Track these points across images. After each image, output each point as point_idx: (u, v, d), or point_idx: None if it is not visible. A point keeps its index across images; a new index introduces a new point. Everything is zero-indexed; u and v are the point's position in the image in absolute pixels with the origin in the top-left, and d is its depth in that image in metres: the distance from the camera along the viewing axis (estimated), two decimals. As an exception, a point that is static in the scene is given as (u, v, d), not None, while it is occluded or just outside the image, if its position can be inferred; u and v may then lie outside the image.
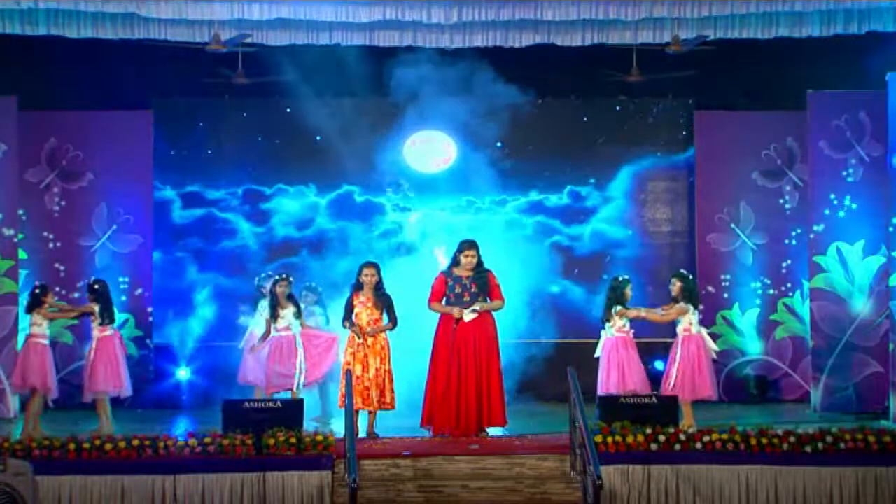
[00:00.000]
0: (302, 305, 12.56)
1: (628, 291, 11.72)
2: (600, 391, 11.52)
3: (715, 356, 11.69)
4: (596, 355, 11.75)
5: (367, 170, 14.72)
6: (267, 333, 12.34)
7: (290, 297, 12.38)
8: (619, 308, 11.58)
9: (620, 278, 11.80)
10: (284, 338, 12.27)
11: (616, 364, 11.55)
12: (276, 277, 12.47)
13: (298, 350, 12.23)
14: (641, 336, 12.06)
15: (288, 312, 12.30)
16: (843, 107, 13.50)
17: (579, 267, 14.73)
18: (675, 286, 11.61)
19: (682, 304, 11.46)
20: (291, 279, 12.52)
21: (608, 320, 11.66)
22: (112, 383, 11.86)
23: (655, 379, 11.97)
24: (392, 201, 14.89)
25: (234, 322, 13.95)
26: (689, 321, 11.46)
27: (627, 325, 11.66)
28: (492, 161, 14.58)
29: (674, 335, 11.76)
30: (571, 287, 14.63)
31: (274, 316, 12.28)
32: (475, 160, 14.71)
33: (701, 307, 12.00)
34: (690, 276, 11.83)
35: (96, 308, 11.95)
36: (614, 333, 11.61)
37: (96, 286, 12.10)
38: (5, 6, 11.56)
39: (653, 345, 13.12)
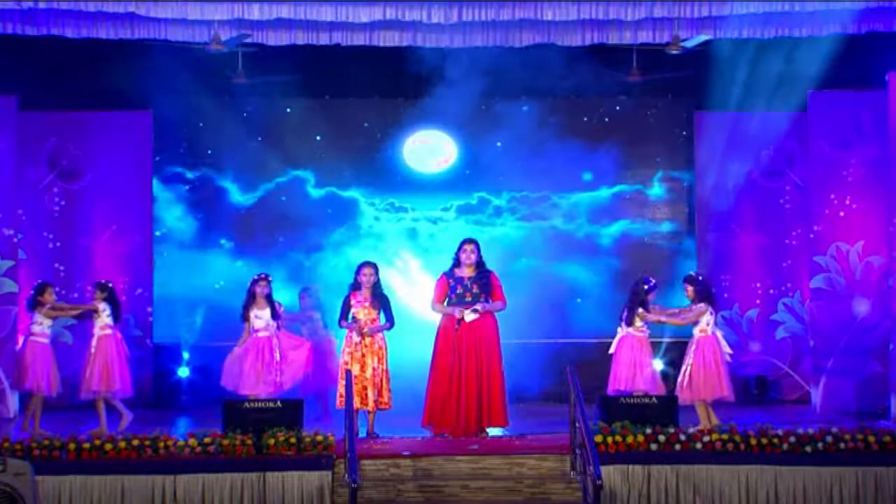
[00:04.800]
0: (277, 307, 12.31)
1: (652, 294, 11.77)
2: (611, 388, 11.57)
3: (729, 358, 11.66)
4: (610, 351, 11.81)
5: (367, 169, 14.76)
6: (245, 336, 12.11)
7: (269, 298, 12.14)
8: (641, 311, 11.63)
9: (647, 283, 11.80)
10: (262, 339, 12.05)
11: (630, 362, 11.61)
12: (255, 277, 12.26)
13: (276, 353, 12.02)
14: (652, 336, 12.10)
15: (265, 314, 12.09)
16: (843, 107, 13.50)
17: (579, 266, 14.73)
18: (688, 290, 11.56)
19: (701, 305, 11.42)
20: (271, 278, 12.34)
21: (631, 322, 11.70)
22: (109, 383, 11.85)
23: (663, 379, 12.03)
24: (387, 200, 14.89)
25: (235, 322, 13.92)
26: (706, 322, 11.42)
27: (644, 325, 11.73)
28: (491, 161, 14.61)
29: (676, 334, 11.79)
30: (571, 287, 14.63)
31: (246, 316, 12.08)
32: (474, 160, 14.76)
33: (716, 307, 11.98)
34: (700, 277, 11.70)
35: (100, 306, 11.98)
36: (631, 331, 11.68)
37: (109, 284, 12.24)
38: (5, 6, 11.56)
39: (667, 345, 13.14)
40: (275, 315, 12.11)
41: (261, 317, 12.07)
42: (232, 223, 14.80)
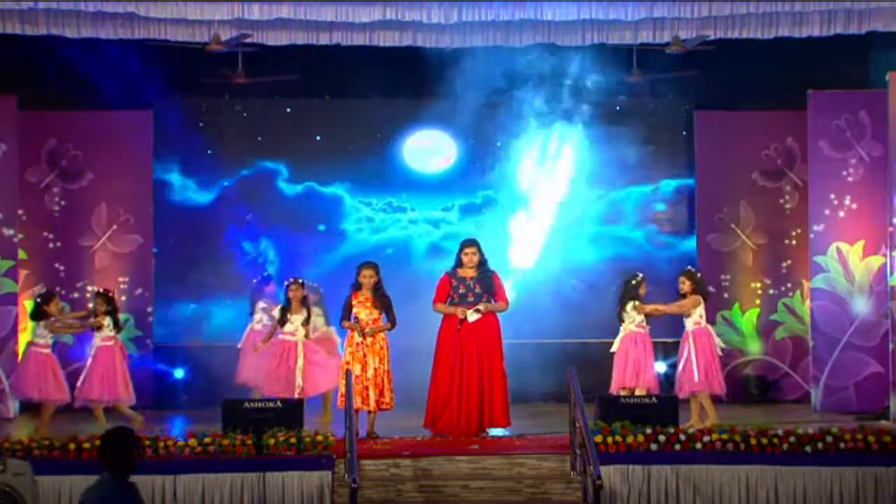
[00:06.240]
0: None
1: (643, 289, 11.83)
2: (614, 386, 11.59)
3: (721, 353, 11.76)
4: (612, 350, 11.83)
5: (366, 169, 14.77)
6: (271, 334, 12.29)
7: (304, 301, 12.28)
8: (635, 303, 11.67)
9: (636, 277, 11.88)
10: (289, 342, 12.19)
11: (632, 360, 11.62)
12: (287, 282, 12.38)
13: (300, 357, 12.13)
14: (657, 335, 12.13)
15: (297, 318, 12.21)
16: (843, 107, 13.49)
17: (581, 265, 14.73)
18: (685, 284, 11.71)
19: (695, 296, 11.57)
20: (302, 281, 12.44)
21: (623, 318, 11.75)
22: (108, 393, 11.91)
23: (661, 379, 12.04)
24: (384, 200, 14.89)
25: (234, 322, 13.94)
26: (699, 314, 11.56)
27: (645, 321, 11.74)
28: (492, 161, 14.63)
29: (679, 335, 11.80)
30: (573, 286, 14.63)
31: (283, 320, 12.21)
32: (475, 160, 14.77)
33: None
34: (698, 274, 11.94)
35: (105, 320, 12.02)
36: (633, 329, 11.71)
37: (111, 295, 12.36)
38: (5, 6, 11.55)
39: (659, 344, 13.13)
40: (307, 320, 12.18)
41: (293, 321, 12.16)
42: (232, 221, 14.79)
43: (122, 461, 6.33)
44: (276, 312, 12.40)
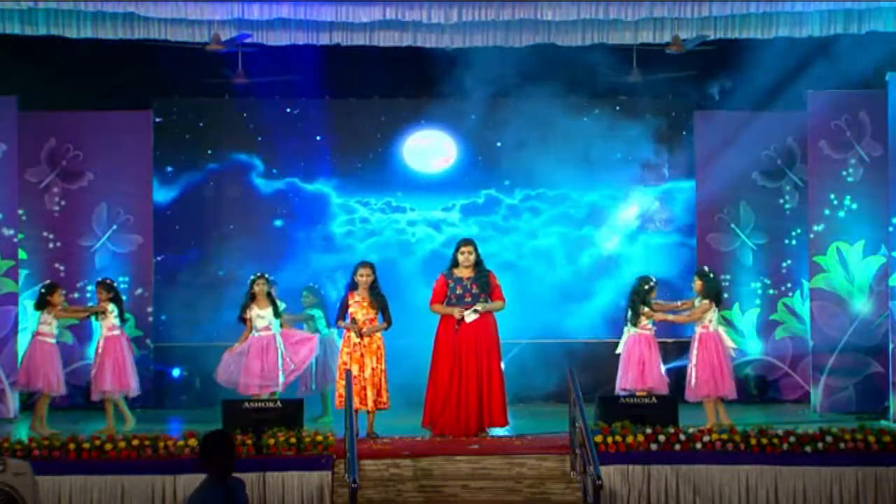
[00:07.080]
0: (281, 307, 12.38)
1: (653, 294, 11.82)
2: (619, 387, 11.59)
3: (733, 353, 11.73)
4: (617, 352, 11.83)
5: (365, 169, 14.77)
6: (246, 334, 12.13)
7: (269, 296, 12.13)
8: (645, 309, 11.65)
9: (648, 281, 11.83)
10: (265, 338, 12.04)
11: (637, 361, 11.61)
12: (253, 276, 12.24)
13: (279, 350, 12.04)
14: (658, 336, 12.09)
15: (267, 312, 12.06)
16: (843, 107, 13.49)
17: (579, 265, 14.74)
18: (696, 284, 11.68)
19: (705, 302, 11.53)
20: (269, 277, 12.32)
21: (635, 322, 11.72)
22: (119, 383, 11.92)
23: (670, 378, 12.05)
24: (382, 200, 14.89)
25: (234, 322, 13.92)
26: (708, 318, 11.51)
27: (650, 323, 11.72)
28: (492, 161, 14.63)
29: (681, 335, 11.80)
30: (572, 286, 14.63)
31: (242, 318, 12.05)
32: (475, 160, 14.77)
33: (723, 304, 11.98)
34: (711, 274, 11.83)
35: (109, 307, 12.02)
36: (637, 330, 11.68)
37: (110, 283, 12.31)
38: (5, 6, 11.56)
39: (669, 345, 13.13)
40: (277, 313, 12.11)
41: (263, 316, 12.06)
42: (232, 221, 14.80)
43: (220, 463, 6.63)
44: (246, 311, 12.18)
